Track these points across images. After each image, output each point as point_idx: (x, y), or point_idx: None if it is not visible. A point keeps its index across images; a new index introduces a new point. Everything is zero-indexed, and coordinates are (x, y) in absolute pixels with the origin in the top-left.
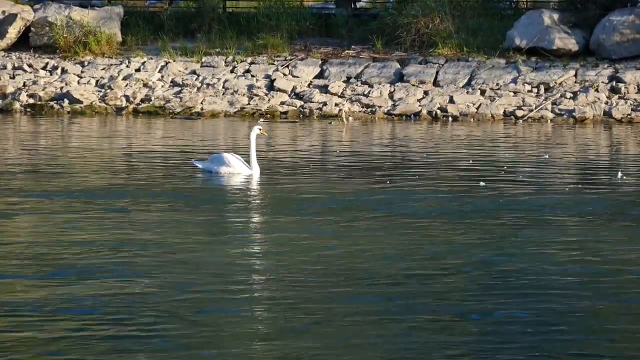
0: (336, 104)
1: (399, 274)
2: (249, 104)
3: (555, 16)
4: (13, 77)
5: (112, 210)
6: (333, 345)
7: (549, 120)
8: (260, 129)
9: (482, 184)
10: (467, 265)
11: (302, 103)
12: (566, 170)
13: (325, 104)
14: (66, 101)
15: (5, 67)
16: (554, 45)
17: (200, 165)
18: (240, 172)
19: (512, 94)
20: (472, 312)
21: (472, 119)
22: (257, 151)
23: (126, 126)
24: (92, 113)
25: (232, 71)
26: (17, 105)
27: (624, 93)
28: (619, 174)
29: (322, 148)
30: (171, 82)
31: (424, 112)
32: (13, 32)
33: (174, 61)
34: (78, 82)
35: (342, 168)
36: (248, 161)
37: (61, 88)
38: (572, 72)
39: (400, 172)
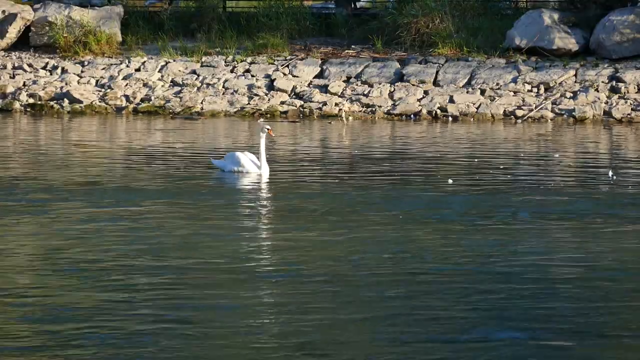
0: (336, 104)
1: (404, 274)
2: (249, 103)
3: (555, 16)
4: (13, 77)
5: (123, 208)
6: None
7: (549, 120)
8: (268, 129)
9: (450, 181)
10: (463, 264)
11: (302, 103)
12: (559, 169)
13: (325, 103)
14: (66, 101)
15: (5, 67)
16: (554, 45)
17: (215, 164)
18: (250, 171)
19: (512, 93)
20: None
21: (472, 119)
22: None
23: (126, 126)
24: (92, 113)
25: (232, 71)
26: (17, 105)
27: (624, 93)
28: (610, 173)
29: (327, 147)
30: (171, 81)
31: (424, 111)
32: (13, 32)
33: (174, 61)
34: (78, 82)
35: (348, 166)
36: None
37: (61, 88)
38: (572, 72)
39: (406, 171)
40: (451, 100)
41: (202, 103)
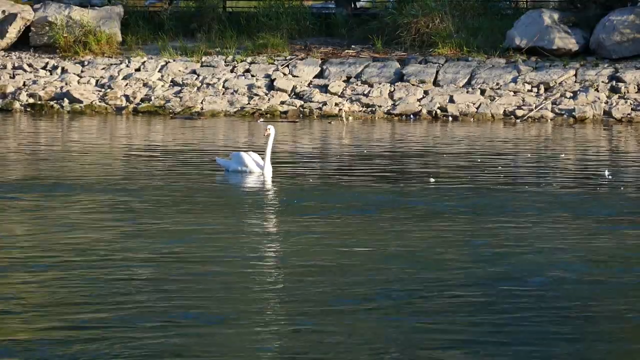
0: (336, 104)
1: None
2: (249, 103)
3: (555, 16)
4: (13, 77)
5: (123, 207)
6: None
7: (548, 120)
8: (268, 128)
9: (432, 180)
10: (458, 262)
11: (302, 103)
12: (556, 169)
13: (325, 103)
14: (66, 101)
15: (5, 67)
16: (554, 45)
17: (219, 163)
18: (253, 170)
19: (512, 93)
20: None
21: (472, 119)
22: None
23: (126, 125)
24: (92, 113)
25: (232, 71)
26: (17, 104)
27: (624, 92)
28: (606, 172)
29: (331, 147)
30: (171, 81)
31: (424, 111)
32: (13, 32)
33: (174, 61)
34: (78, 82)
35: (349, 166)
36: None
37: (61, 88)
38: (572, 72)
39: (407, 170)
40: (451, 100)
41: (202, 103)
